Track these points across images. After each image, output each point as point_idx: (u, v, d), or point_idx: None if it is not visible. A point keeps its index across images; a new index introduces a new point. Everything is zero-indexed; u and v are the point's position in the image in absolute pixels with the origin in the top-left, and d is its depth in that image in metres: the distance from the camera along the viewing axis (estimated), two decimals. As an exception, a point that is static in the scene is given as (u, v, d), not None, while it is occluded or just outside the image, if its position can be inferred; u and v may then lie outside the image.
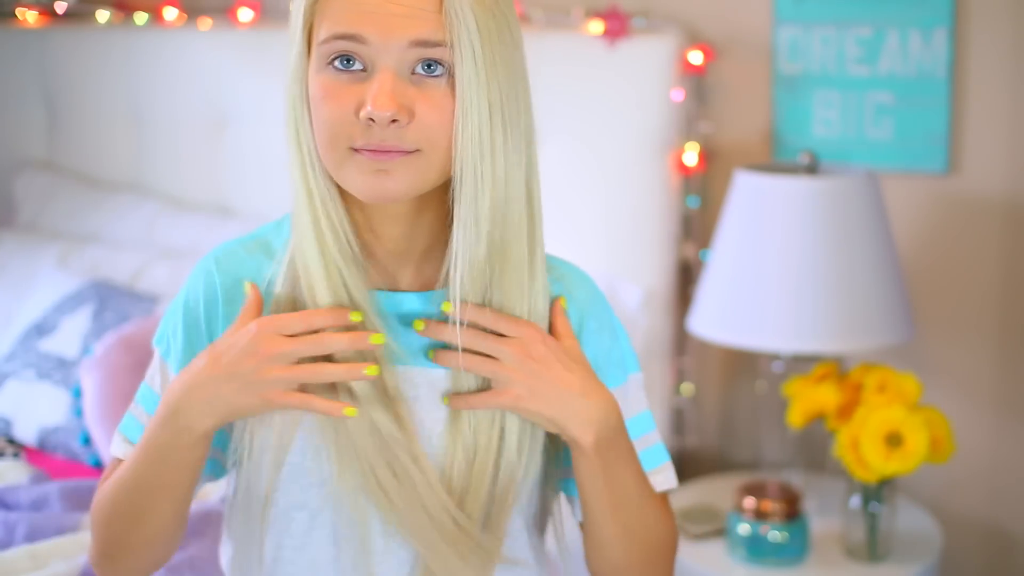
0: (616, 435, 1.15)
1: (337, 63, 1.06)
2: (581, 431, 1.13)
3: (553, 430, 1.14)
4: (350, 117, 1.06)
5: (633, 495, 1.18)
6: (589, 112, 2.46)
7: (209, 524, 1.94)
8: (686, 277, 2.54)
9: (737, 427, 2.61)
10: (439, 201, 1.13)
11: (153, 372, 1.21)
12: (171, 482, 1.14)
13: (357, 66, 1.06)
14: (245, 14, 2.78)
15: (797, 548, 2.13)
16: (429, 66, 1.05)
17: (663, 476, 1.25)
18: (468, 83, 1.05)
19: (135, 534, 1.17)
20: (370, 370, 1.09)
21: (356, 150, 1.06)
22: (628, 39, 2.42)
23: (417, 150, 1.06)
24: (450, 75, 1.05)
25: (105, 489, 1.19)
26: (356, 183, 1.08)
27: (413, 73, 1.05)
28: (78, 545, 1.95)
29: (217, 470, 1.23)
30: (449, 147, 1.07)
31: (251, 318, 1.12)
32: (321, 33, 1.07)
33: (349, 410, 1.09)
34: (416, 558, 1.16)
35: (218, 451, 1.21)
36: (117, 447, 1.22)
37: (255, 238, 1.19)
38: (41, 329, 2.52)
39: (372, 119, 1.04)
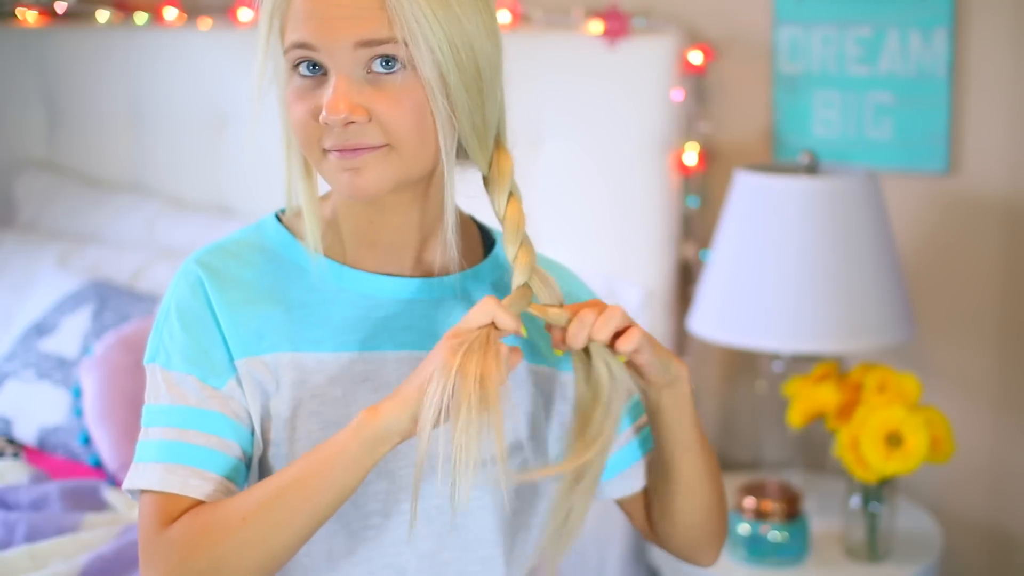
0: None
1: (302, 68, 1.08)
2: (679, 363, 1.15)
3: (668, 368, 1.13)
4: (314, 121, 1.07)
5: (702, 432, 1.22)
6: (589, 112, 2.45)
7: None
8: (686, 277, 2.54)
9: (737, 427, 2.61)
10: (437, 189, 1.15)
11: (155, 388, 1.14)
12: (347, 483, 1.05)
13: (319, 70, 1.07)
14: (245, 14, 2.78)
15: (797, 548, 2.13)
16: (386, 62, 1.05)
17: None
18: (428, 75, 1.05)
19: (252, 553, 1.05)
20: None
21: (327, 150, 1.08)
22: (628, 39, 2.42)
23: (386, 144, 1.07)
24: (411, 66, 1.05)
25: (228, 506, 1.07)
26: (334, 182, 1.10)
27: (370, 72, 1.06)
28: (78, 545, 1.95)
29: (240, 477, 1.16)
30: (422, 140, 1.07)
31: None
32: (284, 41, 1.09)
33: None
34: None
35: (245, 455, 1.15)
36: (142, 478, 1.10)
37: (237, 241, 1.19)
38: (41, 329, 2.52)
39: (327, 123, 1.06)
